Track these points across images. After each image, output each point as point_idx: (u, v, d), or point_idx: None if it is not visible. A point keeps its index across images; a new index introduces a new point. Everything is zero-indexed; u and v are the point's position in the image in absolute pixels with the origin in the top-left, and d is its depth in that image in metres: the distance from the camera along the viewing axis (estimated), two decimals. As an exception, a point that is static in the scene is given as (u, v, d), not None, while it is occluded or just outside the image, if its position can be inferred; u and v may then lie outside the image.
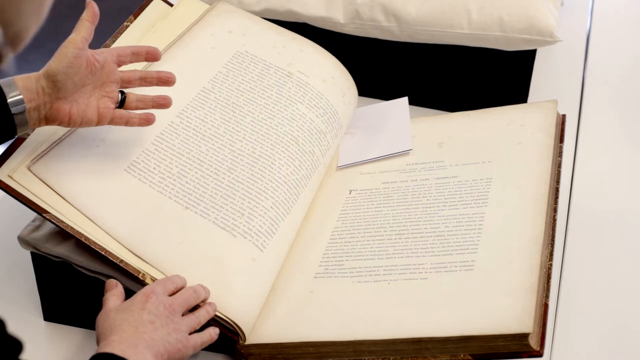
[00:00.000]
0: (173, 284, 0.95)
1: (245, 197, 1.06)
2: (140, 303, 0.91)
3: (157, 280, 0.96)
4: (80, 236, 0.98)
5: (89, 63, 0.97)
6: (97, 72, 0.99)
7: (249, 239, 1.03)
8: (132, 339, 0.88)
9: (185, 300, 0.94)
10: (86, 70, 0.97)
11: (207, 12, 1.27)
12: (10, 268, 1.17)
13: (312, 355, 0.98)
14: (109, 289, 0.96)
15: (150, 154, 1.07)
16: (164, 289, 0.94)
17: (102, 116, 1.00)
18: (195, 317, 0.94)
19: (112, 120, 1.01)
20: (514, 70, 1.42)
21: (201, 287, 0.97)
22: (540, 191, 1.08)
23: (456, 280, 1.00)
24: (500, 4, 1.37)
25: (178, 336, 0.91)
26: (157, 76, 1.05)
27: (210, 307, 0.96)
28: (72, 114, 0.97)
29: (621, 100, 1.52)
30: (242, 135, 1.12)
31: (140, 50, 1.04)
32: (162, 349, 0.89)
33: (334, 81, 1.25)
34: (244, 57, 1.22)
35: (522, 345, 0.92)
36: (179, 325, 0.92)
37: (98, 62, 0.98)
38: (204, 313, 0.95)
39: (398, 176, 1.18)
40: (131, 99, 1.03)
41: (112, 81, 1.01)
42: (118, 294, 0.95)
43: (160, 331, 0.90)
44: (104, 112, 1.00)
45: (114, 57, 1.02)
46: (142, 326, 0.89)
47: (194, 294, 0.95)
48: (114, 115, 1.01)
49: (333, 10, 1.41)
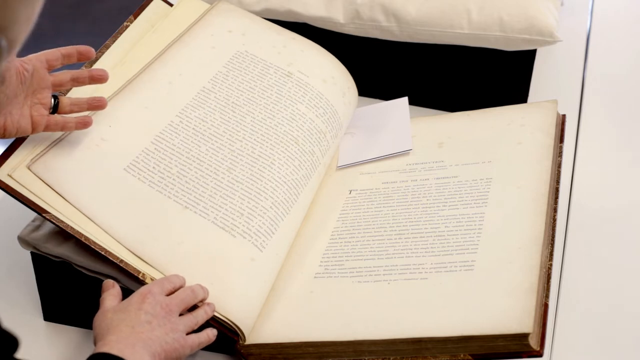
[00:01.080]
0: (171, 284, 0.95)
1: (244, 197, 1.06)
2: (137, 303, 0.91)
3: (155, 280, 0.96)
4: (80, 236, 0.98)
5: (18, 73, 0.95)
6: (27, 80, 0.97)
7: (248, 238, 1.03)
8: (130, 339, 0.87)
9: (183, 300, 0.94)
10: (16, 81, 0.95)
11: (207, 12, 1.27)
12: (10, 268, 1.17)
13: (312, 355, 0.98)
14: (106, 289, 0.95)
15: (150, 154, 1.07)
16: (161, 289, 0.93)
17: (35, 124, 0.98)
18: (193, 317, 0.94)
19: (47, 127, 0.99)
20: (514, 70, 1.42)
21: (199, 287, 0.97)
22: (540, 191, 1.08)
23: (456, 280, 1.00)
24: (500, 4, 1.37)
25: (175, 336, 0.91)
26: (89, 75, 1.03)
27: (208, 308, 0.96)
28: (7, 126, 0.96)
29: (621, 100, 1.52)
30: (242, 135, 1.12)
31: (70, 52, 1.02)
32: (159, 348, 0.89)
33: (334, 81, 1.25)
34: (244, 57, 1.22)
35: (522, 345, 0.92)
36: (176, 325, 0.92)
37: (27, 70, 0.96)
38: (202, 313, 0.95)
39: (398, 176, 1.18)
40: (64, 104, 1.01)
41: (44, 87, 0.99)
42: (115, 294, 0.95)
43: (158, 331, 0.90)
44: (37, 120, 0.98)
45: (43, 62, 0.99)
46: (139, 326, 0.89)
47: (191, 294, 0.95)
48: (49, 121, 0.99)
49: (333, 10, 1.41)
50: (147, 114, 1.10)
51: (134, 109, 1.10)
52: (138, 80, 1.14)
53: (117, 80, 1.13)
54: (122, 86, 1.12)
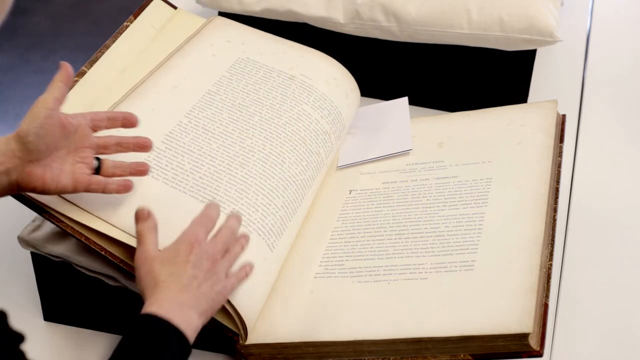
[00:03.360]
0: (211, 222, 0.94)
1: (258, 193, 1.06)
2: (185, 254, 0.91)
3: (197, 221, 0.94)
4: (81, 236, 0.98)
5: (62, 125, 0.93)
6: (71, 135, 0.95)
7: (262, 236, 1.03)
8: (178, 298, 0.88)
9: (225, 243, 0.94)
10: (59, 132, 0.93)
11: (204, 26, 1.27)
12: (10, 268, 1.17)
13: (312, 355, 0.98)
14: (142, 218, 0.94)
15: (161, 152, 1.06)
16: (205, 233, 0.93)
17: (78, 182, 0.95)
18: (231, 257, 0.94)
19: (88, 187, 0.96)
20: (514, 70, 1.42)
21: (234, 219, 0.96)
22: (540, 191, 1.08)
23: (456, 280, 1.00)
24: (500, 4, 1.37)
25: (219, 288, 0.91)
26: (134, 142, 1.01)
27: (244, 239, 0.96)
28: (46, 179, 0.93)
29: (621, 100, 1.52)
30: (252, 133, 1.12)
31: (117, 116, 1.00)
32: (205, 306, 0.90)
33: (337, 83, 1.25)
34: (245, 63, 1.23)
35: (522, 345, 0.92)
36: (219, 274, 0.92)
37: (72, 125, 0.94)
38: (239, 249, 0.95)
39: (398, 176, 1.18)
40: (108, 165, 0.99)
41: (87, 146, 0.97)
42: (153, 227, 0.94)
43: (204, 287, 0.90)
44: (80, 178, 0.96)
45: (89, 121, 0.98)
46: (187, 282, 0.89)
47: (231, 234, 0.95)
48: (91, 181, 0.96)
49: (333, 10, 1.41)
50: (154, 116, 1.10)
51: (141, 112, 1.10)
52: (143, 86, 1.14)
53: (121, 87, 1.13)
54: (127, 93, 1.13)
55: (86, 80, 1.12)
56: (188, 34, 1.26)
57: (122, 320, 1.08)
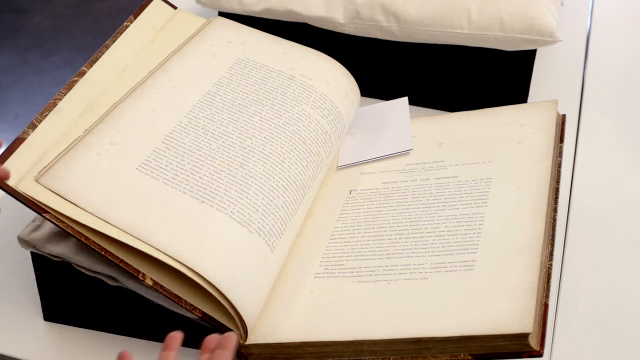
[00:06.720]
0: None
1: (259, 193, 1.06)
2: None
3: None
4: (81, 236, 0.98)
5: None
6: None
7: (263, 236, 1.03)
8: None
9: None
10: None
11: (204, 26, 1.28)
12: (10, 268, 1.17)
13: (312, 355, 0.98)
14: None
15: (161, 152, 1.07)
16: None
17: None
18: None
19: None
20: (514, 70, 1.42)
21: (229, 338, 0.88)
22: (540, 191, 1.08)
23: (456, 280, 1.00)
24: (500, 4, 1.37)
25: None
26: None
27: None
28: None
29: (621, 100, 1.52)
30: (252, 133, 1.13)
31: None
32: None
33: (337, 83, 1.25)
34: (245, 63, 1.23)
35: (522, 345, 0.92)
36: None
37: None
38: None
39: (398, 176, 1.18)
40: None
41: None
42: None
43: None
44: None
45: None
46: None
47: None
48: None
49: (333, 10, 1.41)
50: (154, 117, 1.10)
51: (141, 113, 1.10)
52: (142, 86, 1.14)
53: (121, 87, 1.13)
54: (127, 93, 1.13)
55: (86, 80, 1.12)
56: (188, 34, 1.26)
57: (122, 320, 1.08)
